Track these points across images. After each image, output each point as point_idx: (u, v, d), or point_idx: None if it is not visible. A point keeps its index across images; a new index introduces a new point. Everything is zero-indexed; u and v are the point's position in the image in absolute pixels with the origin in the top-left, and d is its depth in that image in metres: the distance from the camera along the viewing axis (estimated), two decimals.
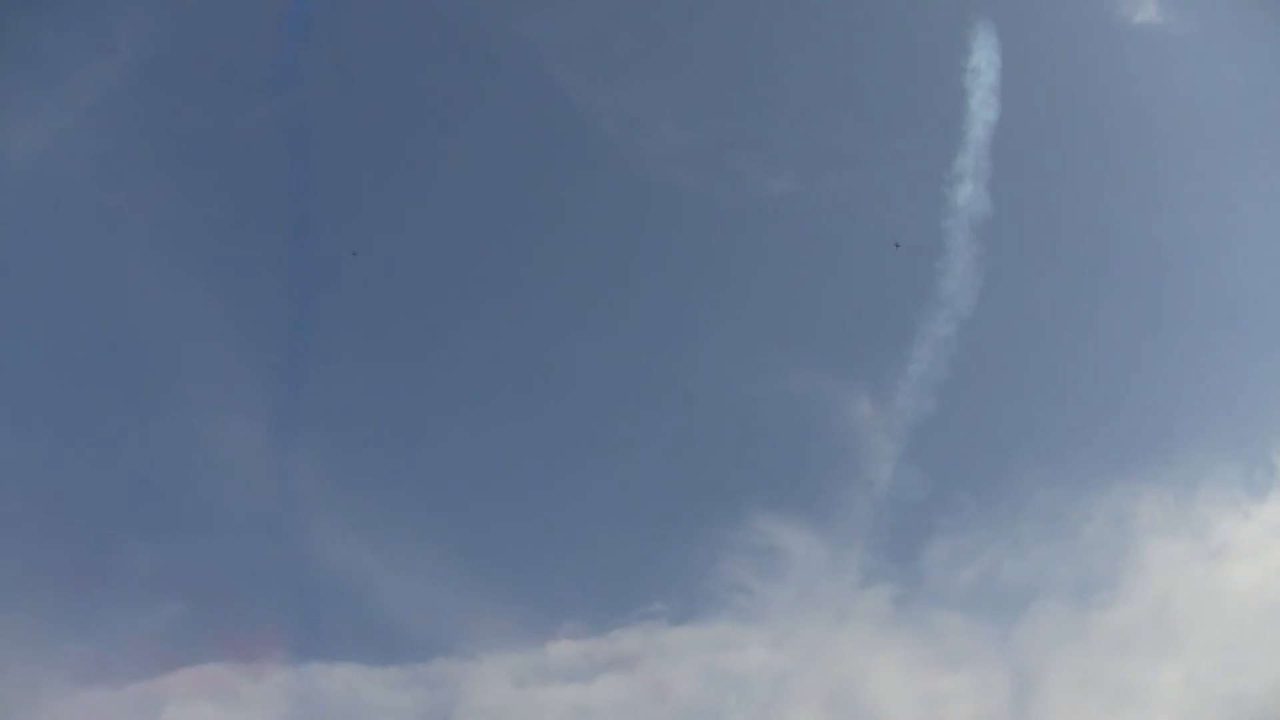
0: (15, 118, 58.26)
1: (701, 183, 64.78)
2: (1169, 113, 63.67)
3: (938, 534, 61.11)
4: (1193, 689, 54.88)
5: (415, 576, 57.84)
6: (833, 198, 65.37)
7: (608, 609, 58.72)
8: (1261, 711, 51.78)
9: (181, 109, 60.63)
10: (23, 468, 55.98)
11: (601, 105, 64.33)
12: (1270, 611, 55.36)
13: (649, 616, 58.96)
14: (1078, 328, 64.39)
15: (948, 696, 57.18)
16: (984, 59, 62.10)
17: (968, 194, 61.95)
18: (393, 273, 63.00)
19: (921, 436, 61.29)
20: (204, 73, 61.49)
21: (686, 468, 62.13)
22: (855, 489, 60.94)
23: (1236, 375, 60.64)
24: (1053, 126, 65.43)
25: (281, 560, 57.03)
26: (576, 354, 63.99)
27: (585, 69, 64.59)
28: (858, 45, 66.71)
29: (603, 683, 57.96)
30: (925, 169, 62.52)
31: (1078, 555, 59.55)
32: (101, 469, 57.71)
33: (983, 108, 62.18)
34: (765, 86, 66.53)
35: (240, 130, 61.13)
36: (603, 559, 59.98)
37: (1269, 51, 58.65)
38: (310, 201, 60.80)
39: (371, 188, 63.11)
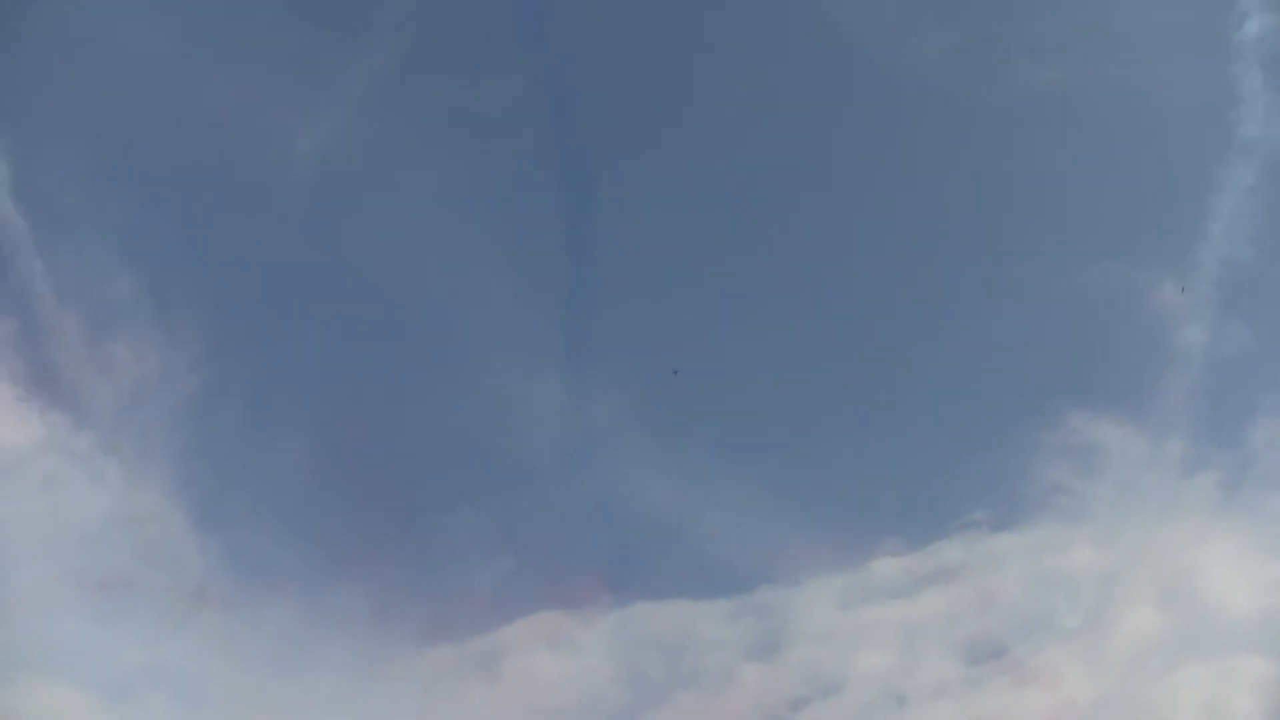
0: (292, 119, 59.41)
1: (968, 83, 60.54)
2: None
3: (1263, 414, 56.98)
4: None
5: (731, 510, 57.25)
6: (1106, 82, 60.03)
7: (926, 522, 57.54)
8: None
9: (446, 91, 60.59)
10: (356, 448, 57.41)
11: (859, 16, 60.74)
12: None
13: (969, 526, 57.44)
14: None
15: None
16: None
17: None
18: (671, 210, 61.70)
19: (1232, 314, 57.30)
20: (462, 52, 61.01)
21: (994, 372, 59.69)
22: (1169, 376, 57.33)
23: None
24: None
25: (600, 508, 57.30)
26: (870, 269, 61.53)
27: None
28: None
29: (927, 597, 57.15)
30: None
31: None
32: (425, 442, 58.90)
33: None
34: None
35: (503, 104, 60.56)
36: (917, 472, 58.60)
37: None
38: (579, 161, 60.47)
39: (635, 131, 61.80)
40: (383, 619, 55.47)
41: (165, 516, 56.48)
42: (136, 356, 57.72)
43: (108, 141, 58.64)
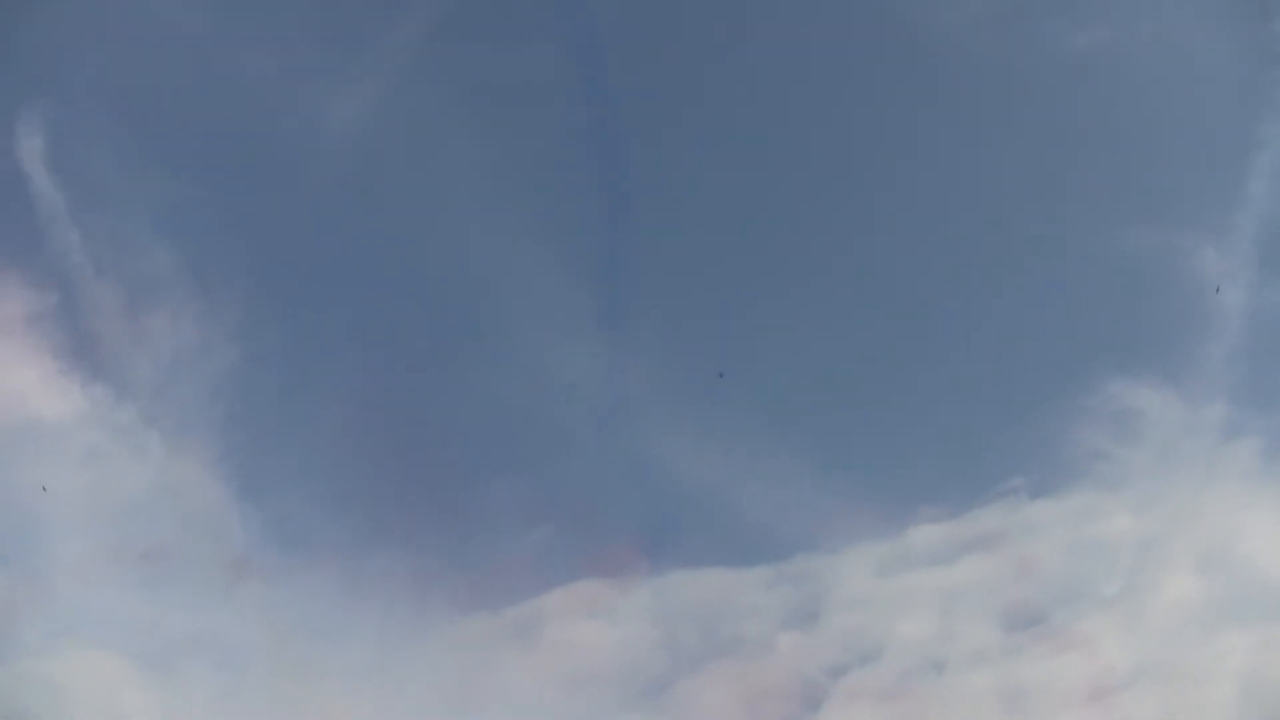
0: (328, 89, 59.60)
1: (1006, 46, 60.14)
2: None
3: None
4: None
5: (769, 477, 57.27)
6: (1144, 43, 59.72)
7: (965, 489, 57.20)
8: None
9: (481, 61, 60.18)
10: (394, 418, 57.45)
11: None
12: None
13: (1007, 493, 57.04)
14: None
15: None
16: None
17: None
18: (707, 177, 61.19)
19: (1274, 277, 56.67)
20: (497, 22, 60.52)
21: (1032, 338, 59.28)
22: (1209, 341, 56.85)
23: None
24: None
25: (637, 476, 57.31)
26: (909, 236, 60.74)
27: None
28: None
29: (966, 564, 56.85)
30: None
31: None
32: (462, 410, 59.04)
33: None
34: None
35: (538, 73, 60.18)
36: (955, 440, 58.28)
37: None
38: (615, 129, 60.17)
39: (671, 99, 61.37)
40: (421, 588, 55.89)
41: (206, 487, 57.08)
42: (175, 328, 58.16)
43: (143, 114, 59.21)
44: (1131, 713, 54.17)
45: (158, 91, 58.92)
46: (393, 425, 57.31)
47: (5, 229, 57.27)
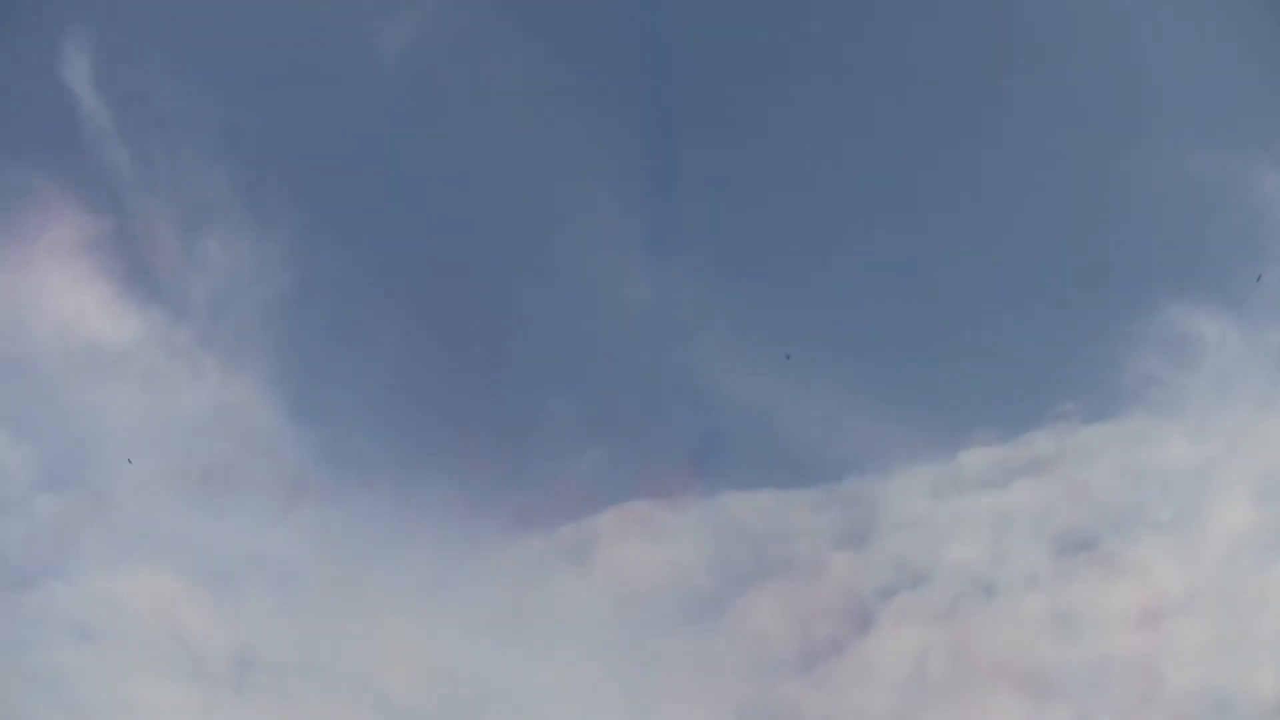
0: (380, 9, 59.01)
1: None
2: None
3: None
4: None
5: (820, 400, 57.01)
6: None
7: (1018, 413, 56.84)
8: None
9: None
10: (448, 339, 57.56)
11: None
12: None
13: (1061, 417, 56.83)
14: None
15: None
16: None
17: None
18: (760, 97, 59.99)
19: None
20: None
21: (1089, 261, 58.47)
22: (1269, 267, 55.67)
23: None
24: None
25: (690, 398, 57.45)
26: (965, 158, 59.84)
27: None
28: None
29: (1018, 488, 56.65)
30: None
31: None
32: (517, 332, 59.23)
33: None
34: None
35: None
36: (1009, 363, 57.78)
37: None
38: (668, 50, 59.35)
39: (724, 18, 60.35)
40: (475, 508, 56.29)
41: (262, 409, 57.73)
42: (230, 251, 58.58)
43: (193, 34, 59.18)
44: (1182, 639, 54.05)
45: (207, 12, 58.97)
46: (446, 346, 57.60)
47: (58, 153, 57.63)
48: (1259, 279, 55.26)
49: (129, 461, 54.93)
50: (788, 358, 55.50)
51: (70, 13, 57.05)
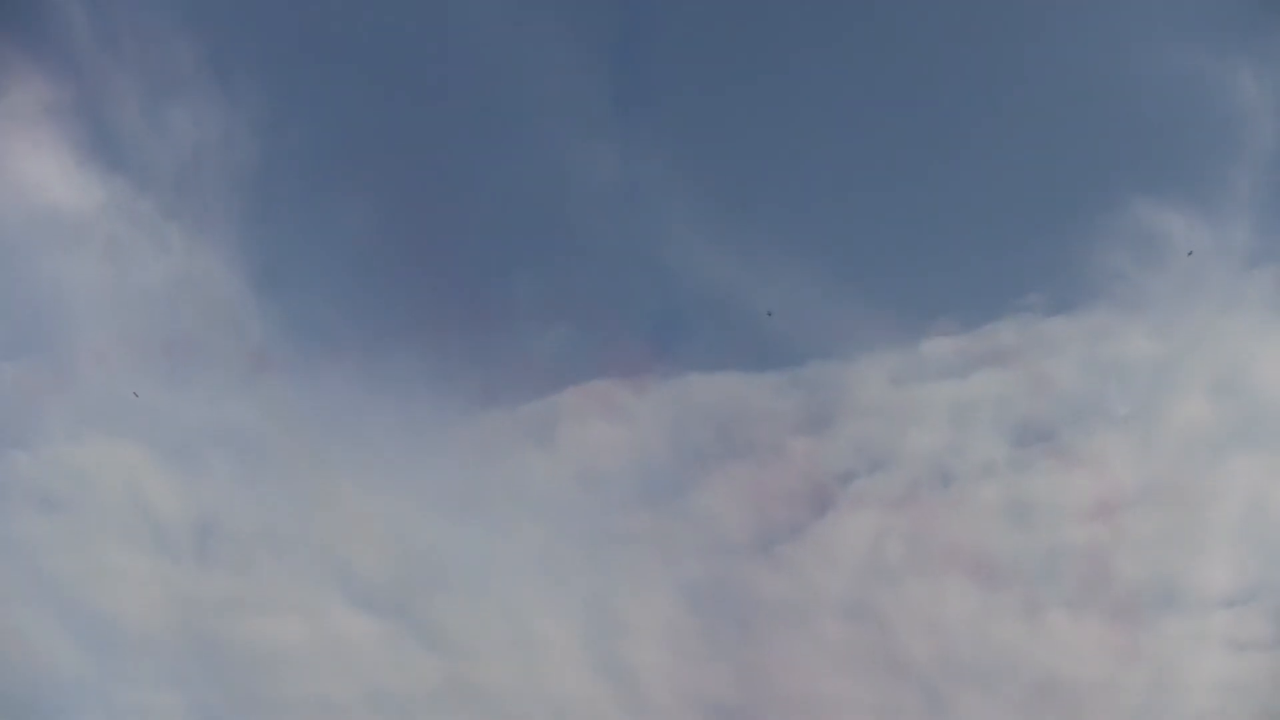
0: None
1: None
2: None
3: None
4: None
5: (785, 283, 56.78)
6: None
7: (981, 303, 57.03)
8: None
9: None
10: (412, 214, 57.15)
11: None
12: None
13: (1024, 309, 57.07)
14: None
15: None
16: None
17: None
18: None
19: None
20: None
21: (1059, 153, 58.03)
22: (1239, 169, 55.76)
23: None
24: None
25: (655, 277, 57.43)
26: (935, 42, 58.91)
27: None
28: None
29: (979, 377, 56.97)
30: None
31: None
32: (482, 207, 58.56)
33: None
34: None
35: None
36: (974, 252, 57.79)
37: None
38: None
39: None
40: (438, 384, 56.37)
41: (226, 281, 57.42)
42: (196, 121, 57.84)
43: None
44: (1134, 531, 54.92)
45: None
46: (412, 221, 57.18)
47: (18, 14, 56.37)
48: (1189, 254, 55.55)
49: (134, 395, 54.61)
50: (769, 314, 55.44)
51: None
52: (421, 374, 56.31)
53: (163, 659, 53.12)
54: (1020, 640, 53.90)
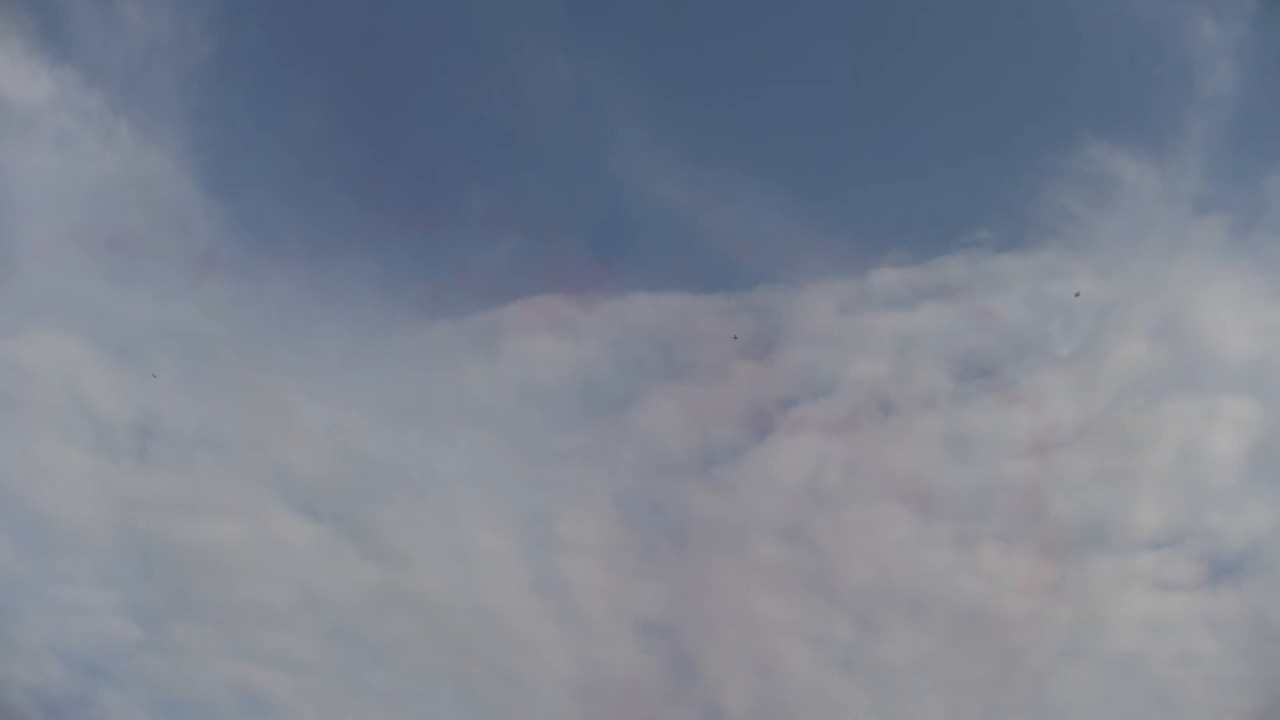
0: None
1: None
2: None
3: None
4: None
5: (736, 206, 57.16)
6: None
7: (931, 236, 57.21)
8: None
9: None
10: (365, 120, 56.42)
11: None
12: None
13: (973, 244, 57.22)
14: None
15: None
16: None
17: None
18: None
19: (1268, 58, 55.09)
20: None
21: (1016, 91, 58.02)
22: (1193, 115, 55.95)
23: None
24: None
25: (607, 196, 57.01)
26: None
27: None
28: None
29: (926, 310, 57.41)
30: None
31: None
32: (434, 116, 57.99)
33: None
34: None
35: None
36: (926, 186, 57.70)
37: None
38: None
39: None
40: (386, 292, 56.21)
41: (175, 179, 56.78)
42: (149, 15, 56.83)
43: None
44: (1069, 469, 55.63)
45: None
46: (365, 127, 56.63)
47: None
48: (1077, 295, 55.53)
49: (153, 376, 54.10)
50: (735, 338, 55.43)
51: None
52: (368, 281, 56.14)
53: (100, 558, 53.24)
54: (952, 570, 54.74)
